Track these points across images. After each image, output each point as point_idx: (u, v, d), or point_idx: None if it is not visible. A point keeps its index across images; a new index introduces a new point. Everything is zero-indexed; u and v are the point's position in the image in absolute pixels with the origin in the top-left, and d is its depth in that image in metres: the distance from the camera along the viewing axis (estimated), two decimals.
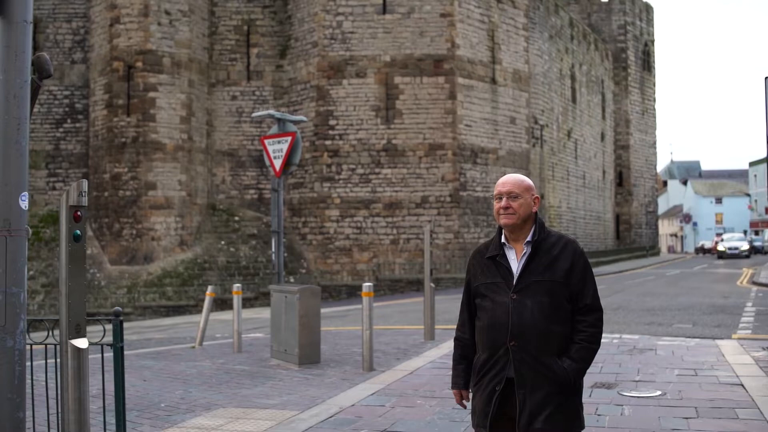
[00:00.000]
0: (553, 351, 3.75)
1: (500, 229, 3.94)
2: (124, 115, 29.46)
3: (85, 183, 4.20)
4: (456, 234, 30.34)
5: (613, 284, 29.19)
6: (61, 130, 31.66)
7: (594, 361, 10.28)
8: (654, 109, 61.12)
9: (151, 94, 29.54)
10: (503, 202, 3.86)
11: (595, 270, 39.30)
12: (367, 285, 10.95)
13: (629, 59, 56.48)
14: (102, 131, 30.00)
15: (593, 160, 49.49)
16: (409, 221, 30.16)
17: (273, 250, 12.83)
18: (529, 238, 3.86)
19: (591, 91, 49.24)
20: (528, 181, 3.95)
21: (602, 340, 12.33)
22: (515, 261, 3.86)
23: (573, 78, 45.25)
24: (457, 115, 30.51)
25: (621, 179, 56.79)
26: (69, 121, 31.71)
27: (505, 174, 29.80)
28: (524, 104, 34.53)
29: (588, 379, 9.11)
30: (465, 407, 4.17)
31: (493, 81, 32.55)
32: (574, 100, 45.38)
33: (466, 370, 4.03)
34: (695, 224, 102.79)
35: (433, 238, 25.86)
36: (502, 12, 33.34)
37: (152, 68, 29.56)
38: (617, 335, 13.59)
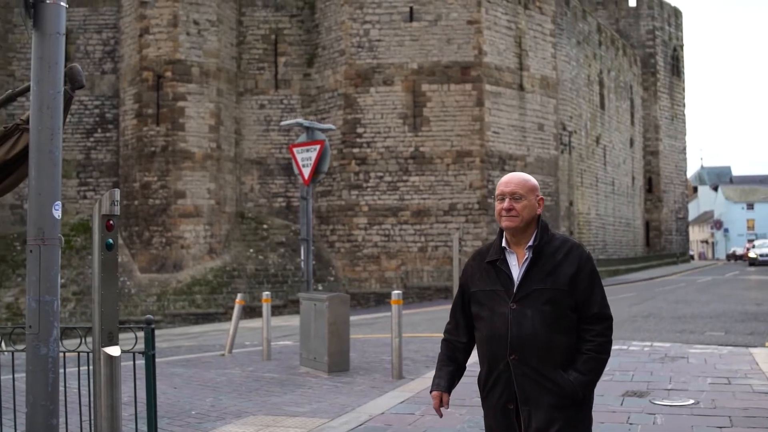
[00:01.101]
0: (557, 363, 3.52)
1: (501, 231, 3.72)
2: (154, 125, 29.71)
3: (117, 192, 4.23)
4: (484, 241, 30.22)
5: (643, 291, 28.94)
6: (91, 139, 31.98)
7: (625, 369, 10.23)
8: (683, 115, 60.57)
9: (180, 104, 29.76)
10: (506, 203, 3.63)
11: (624, 277, 39.04)
12: (396, 293, 10.95)
13: (658, 64, 56.06)
14: (132, 140, 30.27)
15: (622, 166, 49.14)
16: (437, 229, 30.11)
17: (302, 257, 12.86)
18: (531, 243, 3.62)
19: (619, 97, 48.91)
20: (533, 180, 3.74)
21: (633, 348, 12.20)
22: (516, 267, 3.63)
23: (601, 84, 44.99)
24: (484, 122, 30.44)
25: (650, 185, 56.32)
26: (99, 130, 32.03)
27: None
28: (552, 111, 34.39)
29: (619, 388, 9.04)
30: (441, 415, 3.96)
31: (521, 88, 32.45)
32: (602, 106, 45.12)
33: (453, 372, 3.84)
34: (726, 230, 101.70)
35: (461, 246, 25.78)
36: (529, 18, 33.25)
37: (181, 78, 29.79)
38: (648, 343, 13.46)
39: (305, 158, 12.81)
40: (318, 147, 12.68)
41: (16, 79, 31.31)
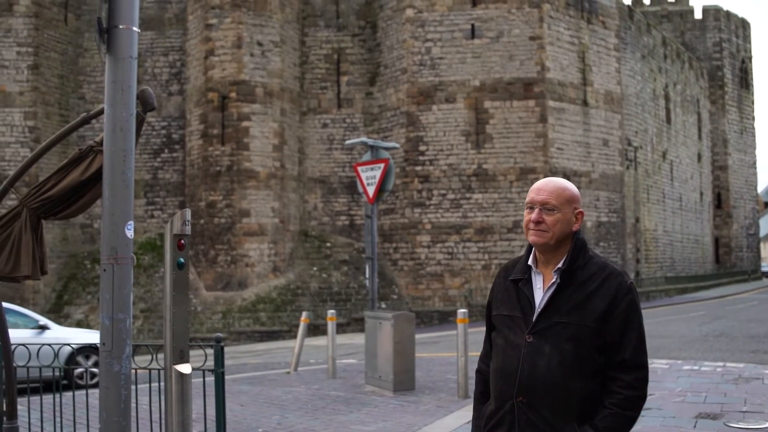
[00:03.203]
0: (572, 415, 2.93)
1: (530, 247, 3.16)
2: (219, 144, 30.16)
3: (188, 212, 4.30)
4: None
5: (713, 310, 28.27)
6: (158, 159, 32.60)
7: (697, 390, 9.98)
8: (753, 128, 59.20)
9: (245, 124, 30.18)
10: (534, 215, 3.05)
11: (693, 295, 38.17)
12: (462, 311, 10.89)
13: (726, 77, 54.95)
14: (198, 160, 30.77)
15: (690, 181, 48.20)
16: (501, 246, 29.89)
17: (367, 276, 12.89)
18: (560, 265, 3.03)
19: (686, 111, 48.06)
20: (572, 189, 3.11)
21: (705, 368, 11.89)
22: (540, 291, 3.06)
23: (667, 98, 44.28)
24: (548, 139, 30.20)
25: (719, 201, 55.09)
26: (166, 150, 32.64)
27: (598, 195, 28.99)
28: (617, 126, 33.94)
29: (692, 410, 8.81)
30: None
31: (585, 103, 32.13)
32: (668, 120, 44.38)
33: None
34: None
35: None
36: (592, 33, 32.95)
37: (245, 98, 30.22)
38: (721, 363, 13.12)
39: (370, 177, 12.85)
40: (382, 165, 12.70)
41: (87, 101, 32.13)
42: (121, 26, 3.85)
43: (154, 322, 27.86)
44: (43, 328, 14.04)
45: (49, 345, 7.21)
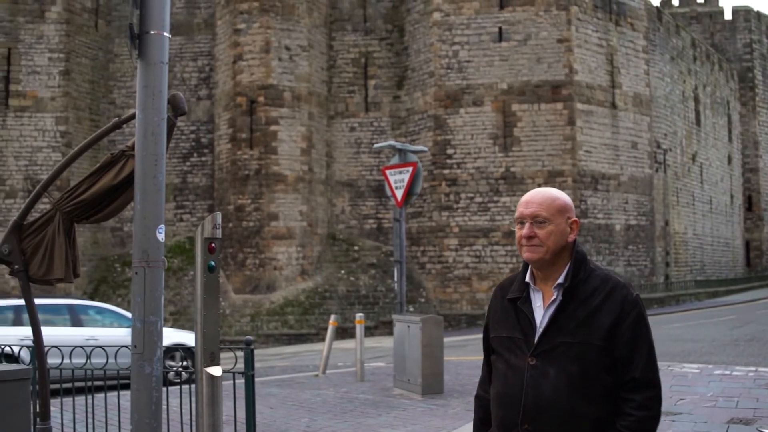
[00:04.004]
0: None
1: (526, 263, 2.95)
2: (247, 148, 30.33)
3: (219, 216, 4.33)
4: None
5: (744, 314, 27.95)
6: (187, 163, 32.84)
7: (729, 395, 9.88)
8: None
9: (273, 128, 30.33)
10: (525, 230, 2.84)
11: (724, 299, 37.77)
12: None
13: (756, 78, 54.35)
14: (226, 164, 30.97)
15: (720, 184, 47.72)
16: None
17: (395, 279, 12.89)
18: (560, 280, 2.83)
19: (716, 113, 47.60)
20: (563, 198, 2.90)
21: (737, 373, 11.74)
22: (541, 309, 2.86)
23: (696, 100, 43.89)
24: (576, 141, 30.05)
25: (750, 204, 54.49)
26: (195, 155, 32.87)
27: (627, 198, 28.74)
28: (646, 128, 33.70)
29: (724, 415, 8.73)
30: None
31: (613, 105, 31.94)
32: (698, 122, 43.98)
33: None
34: None
35: None
36: (620, 35, 32.75)
37: (273, 102, 30.37)
38: (753, 368, 12.97)
39: (398, 180, 12.87)
40: (410, 169, 12.72)
41: (117, 106, 32.45)
42: (152, 32, 3.89)
43: (183, 325, 28.05)
44: None
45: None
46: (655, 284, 34.03)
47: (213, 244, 4.27)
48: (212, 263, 4.26)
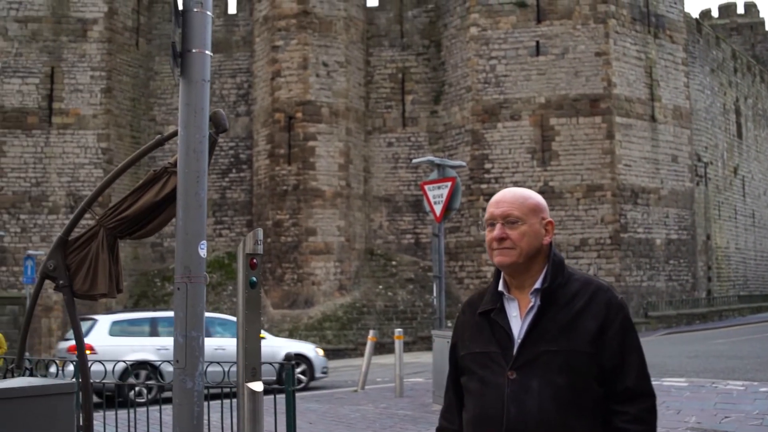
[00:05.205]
0: None
1: (498, 270, 2.71)
2: (286, 164, 30.52)
3: (260, 232, 4.37)
4: (617, 277, 29.44)
5: None
6: (226, 179, 33.11)
7: None
8: None
9: (311, 143, 30.49)
10: (497, 231, 2.62)
11: None
12: None
13: None
14: (265, 180, 31.17)
15: (763, 197, 46.99)
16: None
17: (434, 294, 12.88)
18: (537, 285, 2.61)
19: (758, 126, 46.94)
20: (535, 197, 2.70)
21: None
22: (518, 319, 2.61)
23: (738, 112, 43.33)
24: (615, 155, 29.79)
25: None
26: (234, 170, 33.14)
27: (667, 212, 28.37)
28: (686, 141, 33.33)
29: None
30: None
31: (653, 119, 31.64)
32: (739, 135, 43.40)
33: None
34: None
35: None
36: (659, 48, 32.48)
37: (311, 118, 30.56)
38: None
39: (437, 195, 12.86)
40: (449, 184, 12.71)
41: (157, 123, 32.85)
42: (194, 50, 3.94)
43: None
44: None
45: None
46: (697, 299, 33.55)
47: (254, 260, 4.30)
48: (254, 279, 4.30)
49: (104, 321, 15.23)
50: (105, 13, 31.24)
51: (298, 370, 15.64)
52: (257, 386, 4.31)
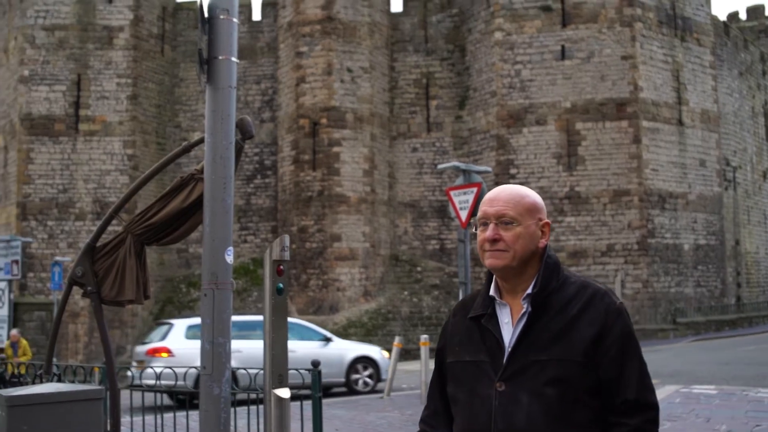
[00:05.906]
0: None
1: (490, 273, 2.56)
2: (310, 170, 30.57)
3: (287, 238, 4.35)
4: (645, 283, 29.18)
5: None
6: (251, 185, 33.23)
7: None
8: None
9: (336, 149, 30.53)
10: (489, 232, 2.46)
11: None
12: None
13: None
14: (289, 186, 31.24)
15: None
16: (595, 270, 29.32)
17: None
18: (530, 290, 2.44)
19: None
20: (533, 196, 2.53)
21: None
22: (509, 326, 2.45)
23: (767, 116, 42.88)
24: (642, 160, 29.56)
25: None
26: (259, 177, 33.25)
27: (695, 217, 28.13)
28: (714, 145, 33.01)
29: None
30: None
31: (680, 123, 31.37)
32: None
33: None
34: None
35: (622, 288, 25.07)
36: (686, 51, 32.21)
37: (336, 124, 30.60)
38: None
39: (462, 201, 12.83)
40: (475, 190, 12.68)
41: (182, 129, 33.04)
42: (220, 57, 3.94)
43: None
44: (328, 340, 16.46)
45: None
46: (727, 305, 33.18)
47: (281, 267, 4.28)
48: (281, 285, 4.28)
49: (180, 325, 15.41)
50: (130, 20, 31.50)
51: (365, 373, 16.37)
52: (284, 393, 4.30)
